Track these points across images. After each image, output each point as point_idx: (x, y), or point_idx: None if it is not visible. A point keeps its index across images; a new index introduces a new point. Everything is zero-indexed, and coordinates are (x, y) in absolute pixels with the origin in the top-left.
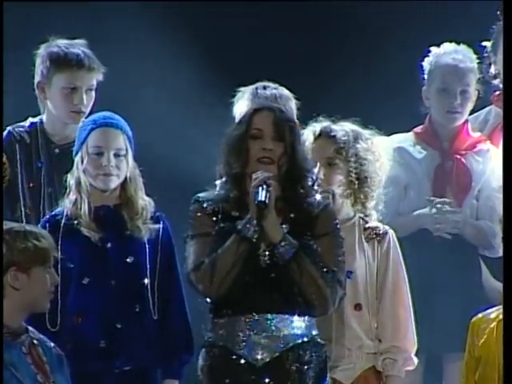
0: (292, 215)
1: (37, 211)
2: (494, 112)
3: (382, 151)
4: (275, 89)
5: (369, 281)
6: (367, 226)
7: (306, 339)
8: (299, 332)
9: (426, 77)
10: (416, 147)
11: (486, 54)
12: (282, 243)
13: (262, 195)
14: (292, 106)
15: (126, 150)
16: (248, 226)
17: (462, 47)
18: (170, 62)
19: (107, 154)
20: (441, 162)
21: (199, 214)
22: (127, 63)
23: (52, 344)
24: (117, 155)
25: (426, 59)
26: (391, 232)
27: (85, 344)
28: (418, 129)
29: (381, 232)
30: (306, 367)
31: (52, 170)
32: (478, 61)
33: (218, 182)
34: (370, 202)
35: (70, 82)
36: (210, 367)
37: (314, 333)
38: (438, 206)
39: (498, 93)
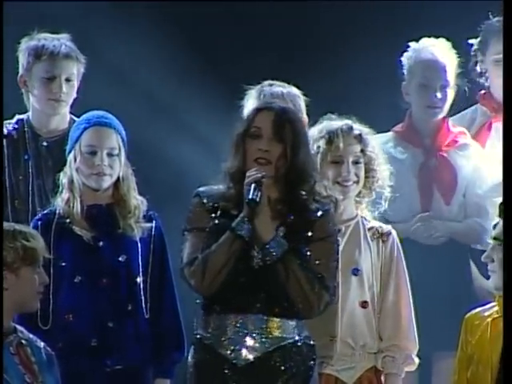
0: (290, 219)
1: (26, 204)
2: (480, 111)
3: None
4: (281, 86)
5: (374, 279)
6: (371, 225)
7: (292, 341)
8: (286, 334)
9: (405, 72)
10: (398, 148)
11: (472, 53)
12: (271, 243)
13: (252, 193)
14: (300, 103)
15: (119, 149)
16: (242, 224)
17: (441, 41)
18: (167, 60)
19: (100, 153)
20: (424, 160)
21: (198, 209)
22: (124, 61)
23: (42, 344)
24: (110, 154)
25: (405, 54)
26: (394, 232)
27: (76, 342)
28: (398, 127)
29: (385, 232)
30: (290, 369)
31: (40, 162)
32: (457, 56)
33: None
34: (367, 201)
35: (48, 71)
36: (195, 365)
37: (303, 334)
38: (422, 220)
39: (483, 91)
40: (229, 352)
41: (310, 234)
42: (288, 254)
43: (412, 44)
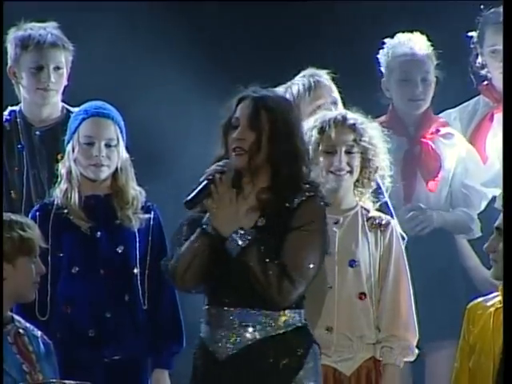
0: (270, 209)
1: (21, 194)
2: (483, 102)
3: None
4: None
5: (372, 270)
6: (370, 215)
7: (276, 333)
8: (268, 326)
9: (383, 69)
10: None
11: (472, 45)
12: (231, 237)
13: (194, 194)
14: (334, 94)
15: (118, 140)
16: (208, 219)
17: (417, 35)
18: (163, 49)
19: (98, 144)
20: (409, 147)
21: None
22: (123, 54)
23: (39, 333)
24: (108, 145)
25: (381, 51)
26: (393, 222)
27: (74, 333)
28: (382, 118)
29: (383, 222)
30: (277, 360)
31: (34, 152)
32: (432, 48)
33: None
34: (368, 191)
35: (36, 61)
36: (193, 360)
37: (291, 325)
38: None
39: (485, 83)
40: (214, 346)
41: (288, 223)
42: (249, 247)
43: (387, 40)
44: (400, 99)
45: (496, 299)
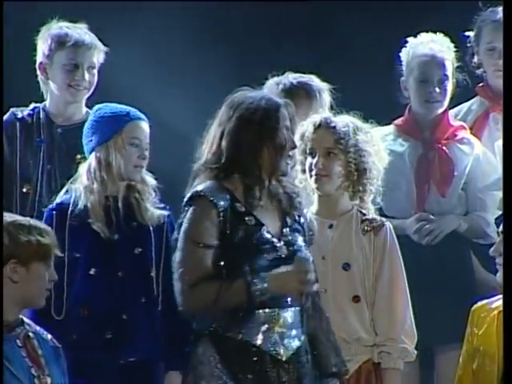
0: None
1: (35, 188)
2: (479, 101)
3: (381, 144)
4: (303, 78)
5: (366, 273)
6: (364, 218)
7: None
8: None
9: (403, 68)
10: (398, 140)
11: (469, 44)
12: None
13: None
14: (323, 95)
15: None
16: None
17: (439, 36)
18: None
19: (142, 146)
20: (423, 151)
21: (207, 212)
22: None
23: (49, 336)
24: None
25: (403, 50)
26: (388, 224)
27: (90, 335)
28: (399, 121)
29: (377, 224)
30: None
31: (53, 148)
32: (455, 49)
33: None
34: (368, 196)
35: (72, 59)
36: (223, 360)
37: None
38: (421, 223)
39: (481, 84)
40: (268, 347)
41: None
42: None
43: (410, 39)
44: (417, 100)
45: (500, 301)
